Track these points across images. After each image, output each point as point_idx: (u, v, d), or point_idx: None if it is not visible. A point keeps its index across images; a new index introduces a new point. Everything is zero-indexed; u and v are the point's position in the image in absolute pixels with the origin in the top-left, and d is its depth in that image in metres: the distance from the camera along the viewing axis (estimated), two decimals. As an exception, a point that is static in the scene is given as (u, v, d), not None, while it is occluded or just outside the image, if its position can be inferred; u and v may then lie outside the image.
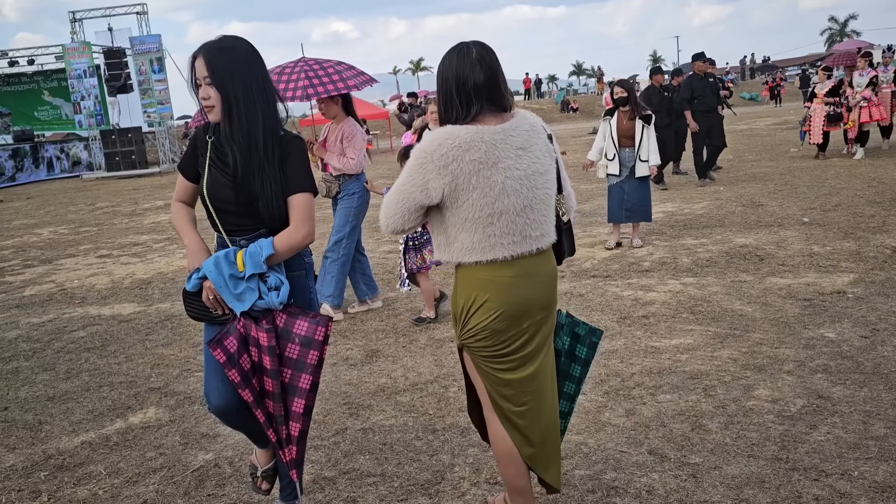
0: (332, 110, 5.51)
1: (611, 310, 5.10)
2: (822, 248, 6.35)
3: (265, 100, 2.40)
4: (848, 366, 3.82)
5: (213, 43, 2.38)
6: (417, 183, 2.22)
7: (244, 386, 2.38)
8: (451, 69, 2.28)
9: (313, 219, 2.43)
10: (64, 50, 25.51)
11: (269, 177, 2.36)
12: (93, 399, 4.26)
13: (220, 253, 2.36)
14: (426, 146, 2.22)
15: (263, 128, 2.38)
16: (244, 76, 2.35)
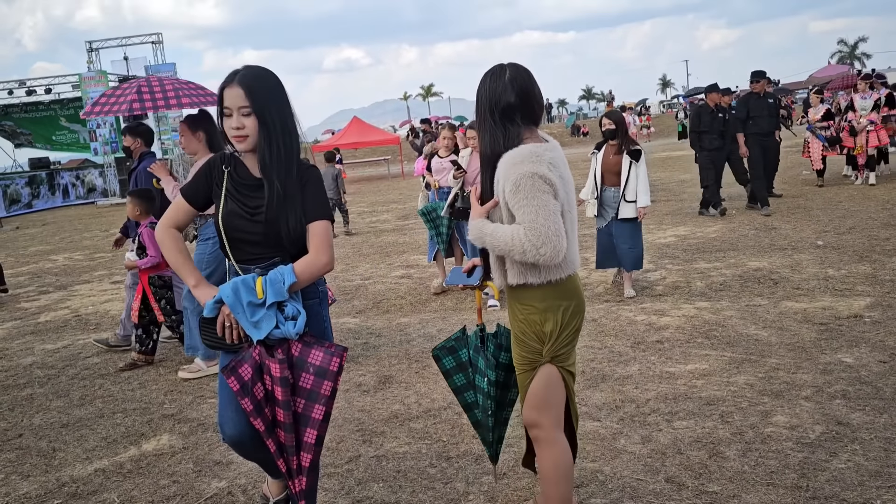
0: (192, 145, 4.88)
1: (624, 335, 5.07)
2: (838, 271, 6.30)
3: (294, 129, 2.44)
4: (867, 391, 3.77)
5: (247, 71, 2.37)
6: (549, 192, 2.29)
7: (256, 415, 2.38)
8: (484, 91, 2.41)
9: (332, 246, 2.45)
10: (80, 79, 25.93)
11: (296, 205, 2.39)
12: (106, 426, 4.26)
13: (238, 279, 2.36)
14: (526, 160, 2.29)
15: (294, 157, 2.42)
16: (279, 104, 2.38)
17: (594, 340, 4.99)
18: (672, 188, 13.70)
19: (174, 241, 2.51)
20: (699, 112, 10.10)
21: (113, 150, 26.10)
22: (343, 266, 8.26)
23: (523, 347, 2.50)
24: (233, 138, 2.37)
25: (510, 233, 2.30)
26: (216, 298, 2.36)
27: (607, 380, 4.25)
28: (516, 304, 2.50)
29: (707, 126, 9.82)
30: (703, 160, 10.02)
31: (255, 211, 2.40)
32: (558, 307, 2.43)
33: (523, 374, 2.53)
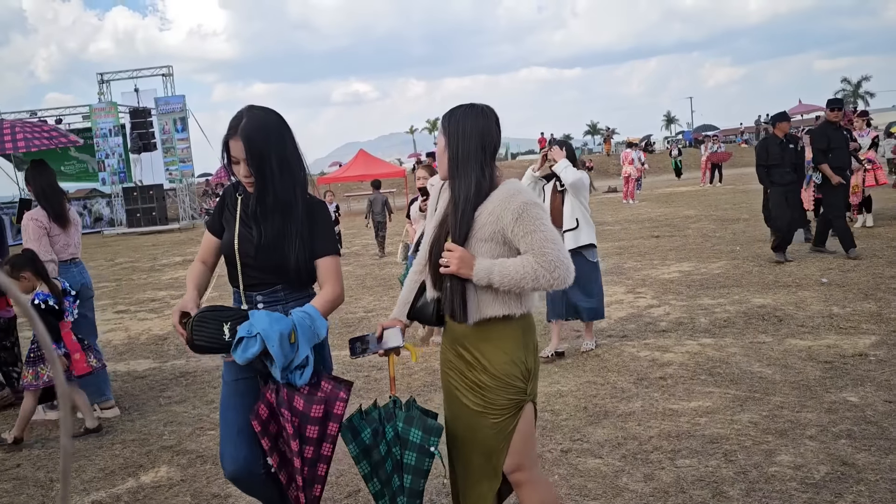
0: None
1: (627, 370, 5.04)
2: (842, 309, 6.27)
3: (298, 168, 2.54)
4: (872, 431, 3.72)
5: (247, 121, 2.45)
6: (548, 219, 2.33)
7: (272, 452, 2.47)
8: (473, 128, 2.34)
9: (342, 278, 2.59)
10: (91, 110, 26.27)
11: (302, 242, 2.50)
12: (105, 457, 4.23)
13: (282, 330, 2.34)
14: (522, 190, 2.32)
15: (298, 196, 2.52)
16: (279, 149, 2.47)
17: (597, 376, 4.96)
18: (676, 224, 13.73)
19: (193, 268, 2.70)
20: (766, 144, 9.07)
21: (121, 180, 26.34)
22: (346, 298, 8.25)
23: (508, 391, 2.34)
24: (245, 184, 2.52)
25: (520, 263, 2.25)
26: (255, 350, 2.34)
27: (609, 416, 4.21)
28: (495, 344, 2.35)
29: (777, 158, 8.79)
30: (774, 196, 8.96)
31: (261, 236, 2.52)
32: (532, 340, 2.42)
33: (505, 419, 2.36)
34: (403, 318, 2.55)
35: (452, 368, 2.46)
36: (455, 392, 2.45)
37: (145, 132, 25.67)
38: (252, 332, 2.33)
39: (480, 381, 2.36)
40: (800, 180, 9.18)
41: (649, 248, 10.75)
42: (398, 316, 2.56)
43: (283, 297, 2.54)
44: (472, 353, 2.38)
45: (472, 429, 2.40)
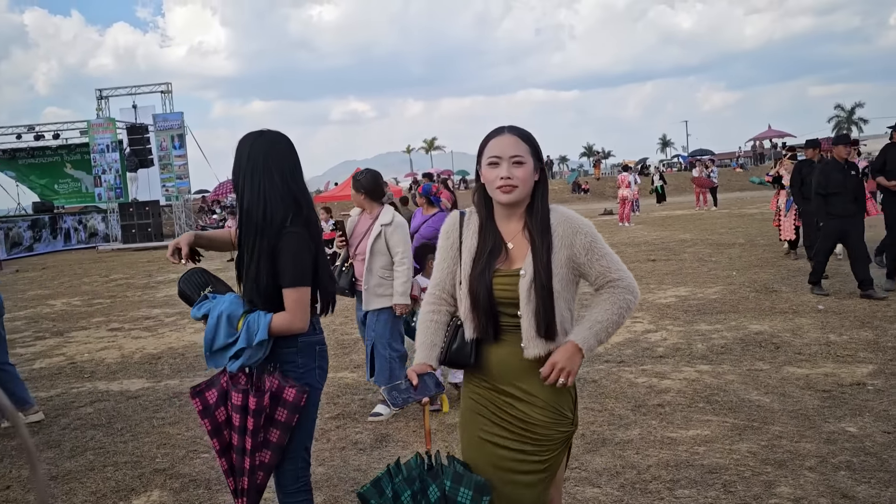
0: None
1: (625, 397, 5.01)
2: (839, 336, 6.27)
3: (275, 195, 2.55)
4: (872, 463, 3.70)
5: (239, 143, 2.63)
6: None
7: (214, 435, 2.60)
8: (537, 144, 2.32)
9: (306, 310, 2.54)
10: (89, 125, 26.31)
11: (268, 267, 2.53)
12: (96, 479, 4.17)
13: (226, 309, 2.55)
14: (576, 213, 2.32)
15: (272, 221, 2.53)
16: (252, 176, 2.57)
17: (594, 402, 4.93)
18: (672, 247, 13.75)
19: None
20: (826, 170, 8.16)
21: (117, 195, 26.32)
22: (342, 319, 8.22)
23: (560, 424, 2.23)
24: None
25: (610, 307, 2.19)
26: (203, 311, 2.60)
27: (607, 444, 4.18)
28: None
29: (839, 186, 7.93)
30: (829, 228, 8.12)
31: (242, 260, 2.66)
32: None
33: (556, 455, 2.26)
34: (433, 361, 2.31)
35: (487, 411, 2.27)
36: (489, 436, 2.26)
37: (142, 148, 25.73)
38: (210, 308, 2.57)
39: (530, 417, 2.21)
40: (860, 212, 8.21)
41: (646, 272, 10.75)
42: (426, 360, 2.31)
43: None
44: (520, 388, 2.22)
45: (511, 473, 2.22)
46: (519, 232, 2.26)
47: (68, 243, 26.46)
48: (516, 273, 2.20)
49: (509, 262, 2.24)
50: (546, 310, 2.16)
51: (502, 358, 2.24)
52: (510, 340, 2.23)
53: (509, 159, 2.21)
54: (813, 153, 9.32)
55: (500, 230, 2.27)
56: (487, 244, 2.25)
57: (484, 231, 2.27)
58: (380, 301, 4.86)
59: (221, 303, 2.57)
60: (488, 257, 2.23)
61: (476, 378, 2.32)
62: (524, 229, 2.26)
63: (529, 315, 2.17)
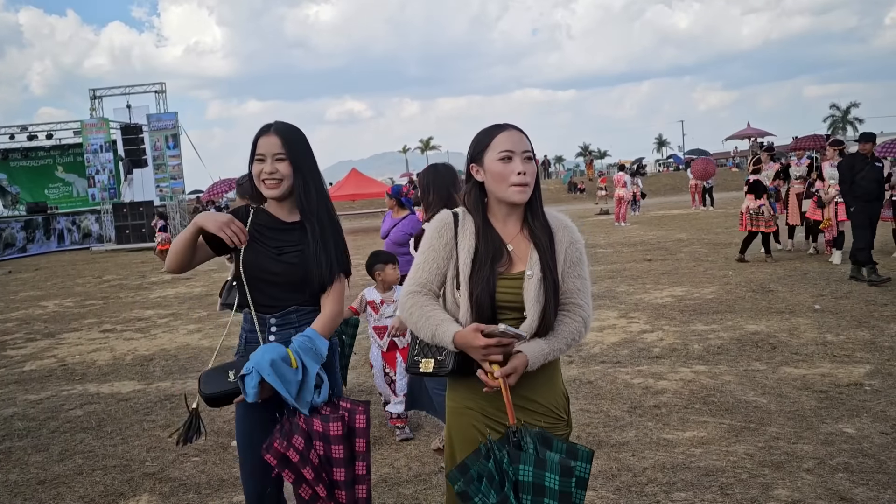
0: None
1: (621, 398, 4.97)
2: (836, 336, 6.23)
3: (321, 181, 2.55)
4: (870, 465, 3.66)
5: (280, 123, 2.49)
6: None
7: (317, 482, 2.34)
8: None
9: (343, 299, 2.53)
10: (82, 125, 26.20)
11: (332, 255, 2.45)
12: (85, 484, 4.11)
13: (273, 357, 2.29)
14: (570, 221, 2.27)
15: (323, 207, 2.50)
16: (311, 155, 2.51)
17: (590, 404, 4.88)
18: (668, 247, 13.72)
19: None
20: (852, 161, 8.85)
21: (111, 196, 26.21)
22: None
23: (558, 427, 2.21)
24: (265, 182, 2.45)
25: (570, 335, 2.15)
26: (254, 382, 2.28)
27: (603, 446, 4.13)
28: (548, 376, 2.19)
29: (863, 174, 8.61)
30: (857, 216, 8.70)
31: (280, 251, 2.46)
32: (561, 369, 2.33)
33: None
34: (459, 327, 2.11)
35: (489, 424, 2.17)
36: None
37: (136, 148, 25.63)
38: (249, 367, 2.29)
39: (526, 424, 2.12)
40: (881, 198, 8.86)
41: (642, 272, 10.71)
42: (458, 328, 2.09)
43: (295, 321, 2.47)
44: (521, 395, 2.13)
45: None
46: (518, 233, 2.19)
47: (62, 244, 26.35)
48: (519, 276, 2.13)
49: (511, 265, 2.16)
50: (554, 308, 2.14)
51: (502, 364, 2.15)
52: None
53: (522, 154, 2.14)
54: (867, 147, 8.86)
55: (498, 231, 2.19)
56: (489, 247, 2.15)
57: (482, 233, 2.17)
58: None
59: (260, 358, 2.29)
60: (492, 261, 2.13)
61: (465, 391, 2.21)
62: (523, 230, 2.20)
63: (536, 315, 2.10)
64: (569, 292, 2.18)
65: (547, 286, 2.11)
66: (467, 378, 2.16)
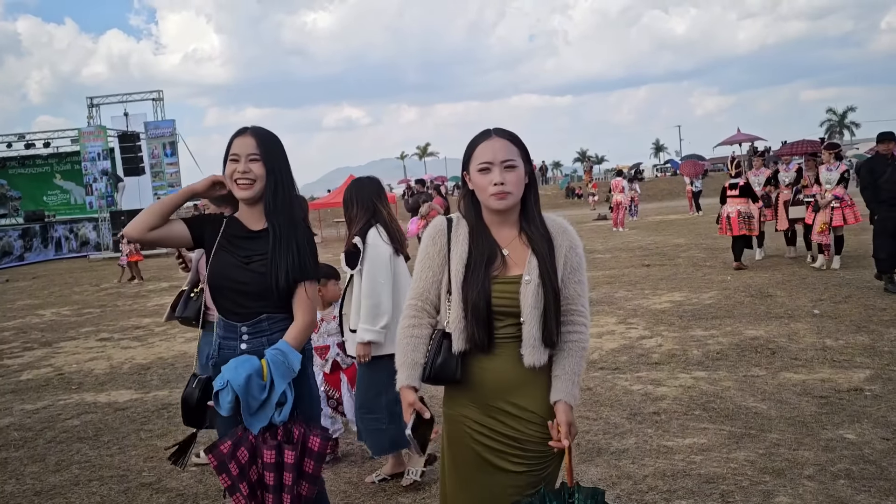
0: None
1: (620, 405, 4.94)
2: (836, 341, 6.22)
3: (294, 187, 2.55)
4: (871, 471, 3.64)
5: (259, 127, 2.51)
6: None
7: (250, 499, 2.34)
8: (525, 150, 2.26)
9: (314, 307, 2.51)
10: (80, 133, 26.20)
11: (294, 258, 2.43)
12: (81, 495, 4.08)
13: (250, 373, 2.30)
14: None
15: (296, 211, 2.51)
16: (285, 161, 2.51)
17: (589, 411, 4.86)
18: (666, 252, 13.71)
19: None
20: (871, 164, 8.63)
21: (109, 204, 26.18)
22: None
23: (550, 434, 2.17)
24: (237, 182, 2.44)
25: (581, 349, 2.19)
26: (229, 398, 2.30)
27: (603, 454, 4.11)
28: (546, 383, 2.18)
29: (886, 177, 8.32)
30: (881, 223, 8.39)
31: (249, 259, 2.45)
32: None
33: (553, 470, 2.21)
34: (416, 382, 2.18)
35: (485, 433, 2.16)
36: (493, 459, 2.15)
37: (134, 156, 25.62)
38: (223, 381, 2.29)
39: (523, 434, 2.13)
40: None
41: (640, 278, 10.70)
42: (409, 382, 2.17)
43: (266, 328, 2.46)
44: (515, 404, 2.13)
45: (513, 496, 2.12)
46: (515, 237, 2.17)
47: (59, 252, 26.30)
48: (516, 280, 2.11)
49: (507, 268, 2.14)
50: (554, 315, 2.11)
51: (497, 371, 2.13)
52: (506, 352, 2.12)
53: (501, 164, 2.11)
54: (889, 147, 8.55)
55: (493, 236, 2.17)
56: (482, 251, 2.13)
57: (476, 237, 2.16)
58: None
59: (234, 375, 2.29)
60: (486, 264, 2.12)
61: (461, 398, 2.20)
62: (520, 234, 2.17)
63: (535, 321, 2.08)
64: (570, 298, 2.17)
65: (546, 292, 2.09)
66: (463, 386, 2.16)
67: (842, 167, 10.17)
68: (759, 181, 11.49)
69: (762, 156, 12.34)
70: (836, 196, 9.89)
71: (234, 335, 2.47)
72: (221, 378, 2.30)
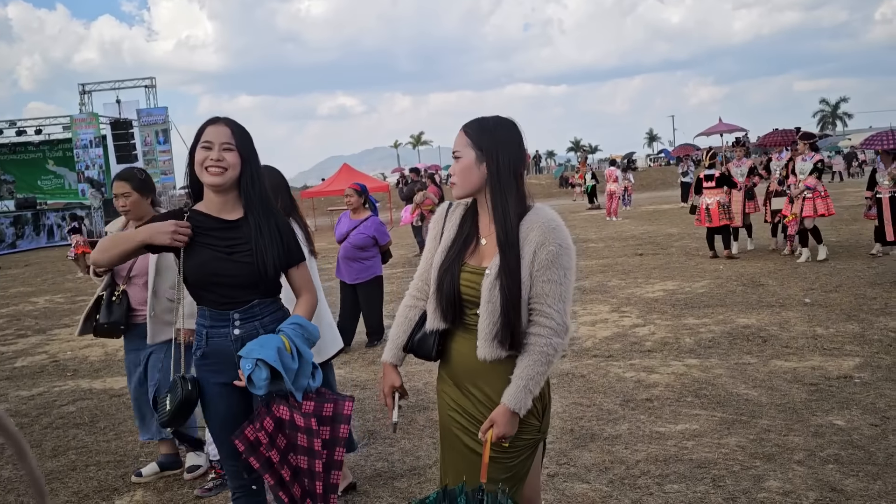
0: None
1: (613, 392, 5.00)
2: (826, 330, 6.28)
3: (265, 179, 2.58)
4: (860, 456, 3.70)
5: (231, 119, 2.52)
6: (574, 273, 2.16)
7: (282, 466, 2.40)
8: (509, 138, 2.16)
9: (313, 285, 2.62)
10: (71, 121, 26.06)
11: (278, 247, 2.48)
12: (78, 479, 4.11)
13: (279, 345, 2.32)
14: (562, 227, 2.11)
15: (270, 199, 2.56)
16: (257, 153, 2.55)
17: (583, 397, 4.91)
18: (659, 241, 13.78)
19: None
20: None
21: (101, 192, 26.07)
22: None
23: (523, 431, 2.14)
24: (208, 169, 2.43)
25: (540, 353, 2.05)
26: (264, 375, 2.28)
27: (596, 439, 4.16)
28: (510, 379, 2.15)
29: None
30: None
31: (231, 250, 2.45)
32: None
33: (521, 461, 2.19)
34: (395, 359, 2.35)
35: (456, 409, 2.24)
36: (461, 436, 2.22)
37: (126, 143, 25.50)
38: (251, 363, 2.28)
39: None
40: None
41: (633, 266, 10.76)
42: (388, 359, 2.35)
43: (258, 313, 2.49)
44: (482, 391, 2.16)
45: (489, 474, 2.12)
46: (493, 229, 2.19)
47: (52, 240, 26.20)
48: (482, 271, 2.13)
49: (479, 257, 2.17)
50: (507, 315, 2.05)
51: (462, 354, 2.20)
52: (470, 338, 2.16)
53: (453, 154, 2.21)
54: None
55: (479, 223, 2.22)
56: (462, 237, 2.22)
57: (463, 223, 2.25)
58: (170, 331, 3.72)
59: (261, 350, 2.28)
60: (460, 248, 2.19)
61: (444, 375, 2.32)
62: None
63: (487, 316, 2.08)
64: (536, 297, 2.08)
65: (502, 289, 2.05)
66: (444, 363, 2.30)
67: (816, 157, 10.09)
68: (741, 172, 11.34)
69: (743, 146, 12.21)
70: (807, 186, 9.86)
71: (224, 322, 2.47)
72: (249, 360, 2.28)
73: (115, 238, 2.49)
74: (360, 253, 6.53)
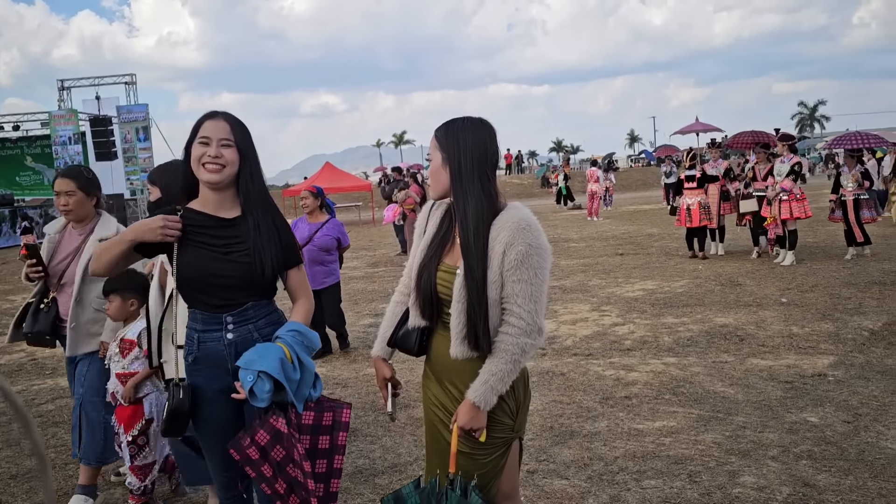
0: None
1: (593, 390, 5.05)
2: (801, 329, 6.39)
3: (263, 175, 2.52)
4: (832, 452, 3.78)
5: (230, 113, 2.44)
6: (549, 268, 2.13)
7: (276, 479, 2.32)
8: (476, 139, 2.15)
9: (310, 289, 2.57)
10: (50, 117, 25.73)
11: (277, 247, 2.41)
12: (57, 478, 4.09)
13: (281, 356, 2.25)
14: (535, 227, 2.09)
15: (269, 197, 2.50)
16: (255, 149, 2.47)
17: (562, 395, 4.96)
18: (640, 241, 13.90)
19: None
20: None
21: (80, 188, 25.79)
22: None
23: (493, 429, 2.15)
24: (206, 165, 2.34)
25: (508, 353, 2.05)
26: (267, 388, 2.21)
27: (575, 436, 4.21)
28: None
29: None
30: None
31: (228, 249, 2.36)
32: (522, 372, 2.20)
33: (494, 458, 2.20)
34: (384, 353, 2.40)
35: (437, 405, 2.28)
36: (442, 431, 2.26)
37: (106, 140, 25.24)
38: (253, 375, 2.20)
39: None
40: None
41: (614, 266, 10.85)
42: (377, 353, 2.41)
43: (252, 316, 2.41)
44: (457, 388, 2.18)
45: (461, 468, 2.15)
46: None
47: (29, 237, 25.87)
48: (454, 270, 2.15)
49: (454, 256, 2.18)
50: (474, 316, 2.06)
51: (441, 352, 2.24)
52: (448, 336, 2.17)
53: (426, 157, 2.28)
54: None
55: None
56: (440, 233, 2.24)
57: (443, 220, 2.26)
58: (95, 342, 3.60)
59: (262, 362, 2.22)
60: (438, 247, 2.22)
61: (428, 371, 2.37)
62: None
63: (456, 315, 2.11)
64: (507, 297, 2.08)
65: (469, 289, 2.07)
66: (428, 358, 2.33)
67: (794, 159, 10.03)
68: (717, 173, 11.31)
69: (719, 147, 12.23)
70: (783, 189, 9.82)
71: (217, 326, 2.38)
72: (250, 372, 2.20)
73: (106, 244, 2.39)
74: (325, 256, 6.47)
